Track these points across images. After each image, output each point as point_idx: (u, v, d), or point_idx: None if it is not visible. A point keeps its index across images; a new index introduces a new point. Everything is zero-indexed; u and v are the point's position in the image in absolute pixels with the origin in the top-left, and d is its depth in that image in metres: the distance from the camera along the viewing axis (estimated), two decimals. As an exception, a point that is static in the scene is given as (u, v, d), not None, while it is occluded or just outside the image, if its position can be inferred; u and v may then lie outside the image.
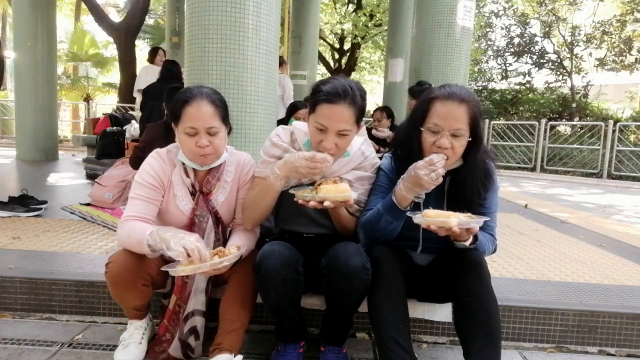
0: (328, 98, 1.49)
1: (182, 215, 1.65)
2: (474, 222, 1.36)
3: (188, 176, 1.65)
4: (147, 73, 6.07)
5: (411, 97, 4.37)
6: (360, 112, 1.54)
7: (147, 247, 1.45)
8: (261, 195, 1.61)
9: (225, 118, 1.64)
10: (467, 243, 1.45)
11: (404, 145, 1.58)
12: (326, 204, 1.40)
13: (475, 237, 1.47)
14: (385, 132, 4.65)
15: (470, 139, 1.48)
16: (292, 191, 1.51)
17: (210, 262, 1.38)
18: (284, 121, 4.06)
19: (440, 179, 1.40)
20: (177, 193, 1.65)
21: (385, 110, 4.91)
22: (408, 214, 1.44)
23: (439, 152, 1.45)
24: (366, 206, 1.65)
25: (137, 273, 1.52)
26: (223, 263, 1.39)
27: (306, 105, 2.86)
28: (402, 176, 1.47)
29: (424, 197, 1.46)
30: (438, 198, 1.57)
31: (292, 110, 4.01)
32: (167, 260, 1.69)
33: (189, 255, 1.36)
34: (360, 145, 1.70)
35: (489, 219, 1.48)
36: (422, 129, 1.50)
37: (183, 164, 1.66)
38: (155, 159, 1.66)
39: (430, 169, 1.38)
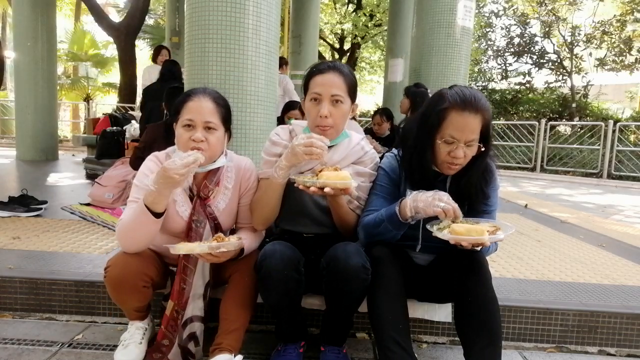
0: (318, 69, 1.63)
1: (182, 221, 1.61)
2: (503, 233, 1.37)
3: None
4: (149, 73, 6.07)
5: (405, 97, 4.37)
6: (351, 85, 1.63)
7: (146, 208, 1.42)
8: (267, 193, 1.61)
9: (226, 120, 1.63)
10: (478, 247, 1.43)
11: (415, 154, 1.57)
12: (326, 190, 1.40)
13: None
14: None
15: (482, 146, 1.48)
16: (292, 177, 1.51)
17: (209, 244, 1.39)
18: (279, 119, 4.04)
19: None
20: (176, 198, 1.61)
21: (385, 113, 4.85)
22: (427, 227, 1.42)
23: (452, 163, 1.48)
24: (366, 205, 1.65)
25: (137, 275, 1.50)
26: (221, 248, 1.39)
27: (300, 106, 2.89)
28: (413, 192, 1.44)
29: (421, 218, 1.45)
30: None
31: (286, 110, 3.99)
32: (167, 264, 1.69)
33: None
34: (360, 140, 1.72)
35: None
36: (438, 141, 1.49)
37: None
38: (153, 161, 1.64)
39: (447, 206, 1.37)
